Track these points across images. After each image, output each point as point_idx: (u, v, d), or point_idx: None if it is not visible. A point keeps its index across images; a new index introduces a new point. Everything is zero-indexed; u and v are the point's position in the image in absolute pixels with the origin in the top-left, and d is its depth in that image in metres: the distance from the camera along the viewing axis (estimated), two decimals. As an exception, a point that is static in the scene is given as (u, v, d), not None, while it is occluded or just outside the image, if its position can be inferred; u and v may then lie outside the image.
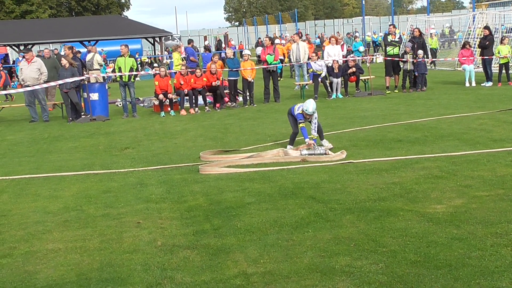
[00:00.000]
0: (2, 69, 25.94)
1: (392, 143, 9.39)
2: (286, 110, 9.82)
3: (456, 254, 4.60)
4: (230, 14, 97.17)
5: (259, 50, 28.38)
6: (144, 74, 24.60)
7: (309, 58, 17.94)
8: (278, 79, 17.75)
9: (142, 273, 4.66)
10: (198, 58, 21.64)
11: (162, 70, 15.73)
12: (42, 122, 15.37)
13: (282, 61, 20.64)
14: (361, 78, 17.59)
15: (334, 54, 17.70)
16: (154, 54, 36.68)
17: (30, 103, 15.50)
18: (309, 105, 9.04)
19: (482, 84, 17.35)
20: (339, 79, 16.94)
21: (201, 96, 15.69)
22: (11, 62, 35.70)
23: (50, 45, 34.36)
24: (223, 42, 43.03)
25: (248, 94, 16.24)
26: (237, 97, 16.56)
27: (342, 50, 20.21)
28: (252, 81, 16.06)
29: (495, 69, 18.01)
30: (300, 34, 25.19)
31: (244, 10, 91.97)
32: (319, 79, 16.63)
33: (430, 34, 26.43)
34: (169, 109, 15.57)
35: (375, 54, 32.86)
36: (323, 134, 9.53)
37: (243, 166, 8.37)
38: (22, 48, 30.69)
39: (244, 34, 61.43)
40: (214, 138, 11.20)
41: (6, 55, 37.83)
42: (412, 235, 5.08)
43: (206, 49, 23.05)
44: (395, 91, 17.06)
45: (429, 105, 13.90)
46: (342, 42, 21.49)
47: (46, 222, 6.26)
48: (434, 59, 25.17)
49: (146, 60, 36.20)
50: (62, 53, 19.64)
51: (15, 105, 18.58)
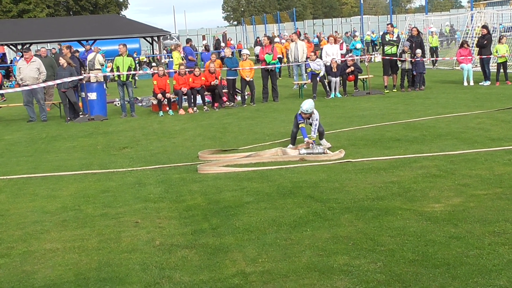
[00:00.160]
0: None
1: (390, 142, 9.40)
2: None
3: (454, 252, 4.61)
4: (228, 14, 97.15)
5: (258, 49, 28.37)
6: (142, 73, 24.57)
7: (307, 58, 17.93)
8: (277, 79, 17.72)
9: (140, 272, 4.66)
10: (197, 58, 21.63)
11: (160, 70, 15.71)
12: (40, 121, 15.34)
13: (280, 59, 20.62)
14: (359, 77, 17.60)
15: (332, 53, 17.68)
16: (152, 54, 36.62)
17: (28, 103, 15.47)
18: (304, 103, 9.06)
19: (480, 83, 17.37)
20: (338, 78, 16.94)
21: (199, 95, 15.68)
22: (9, 62, 35.64)
23: (48, 44, 34.26)
24: (222, 41, 42.97)
25: (249, 93, 16.23)
26: (235, 96, 16.55)
27: (342, 49, 20.21)
28: (252, 80, 16.06)
29: (493, 68, 18.02)
30: (298, 33, 25.17)
31: (242, 9, 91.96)
32: (318, 79, 16.63)
33: (431, 32, 26.41)
34: (167, 108, 15.54)
35: (374, 53, 32.84)
36: (324, 134, 9.53)
37: (242, 166, 8.37)
38: (19, 47, 30.60)
39: (242, 33, 61.41)
40: (213, 138, 11.19)
41: (4, 55, 37.76)
42: (410, 234, 5.08)
43: (206, 48, 23.07)
44: (394, 90, 17.07)
45: (427, 104, 13.91)
46: (341, 41, 21.49)
47: (44, 222, 6.25)
48: (434, 59, 25.17)
49: (144, 59, 36.13)
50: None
51: (13, 104, 18.54)
